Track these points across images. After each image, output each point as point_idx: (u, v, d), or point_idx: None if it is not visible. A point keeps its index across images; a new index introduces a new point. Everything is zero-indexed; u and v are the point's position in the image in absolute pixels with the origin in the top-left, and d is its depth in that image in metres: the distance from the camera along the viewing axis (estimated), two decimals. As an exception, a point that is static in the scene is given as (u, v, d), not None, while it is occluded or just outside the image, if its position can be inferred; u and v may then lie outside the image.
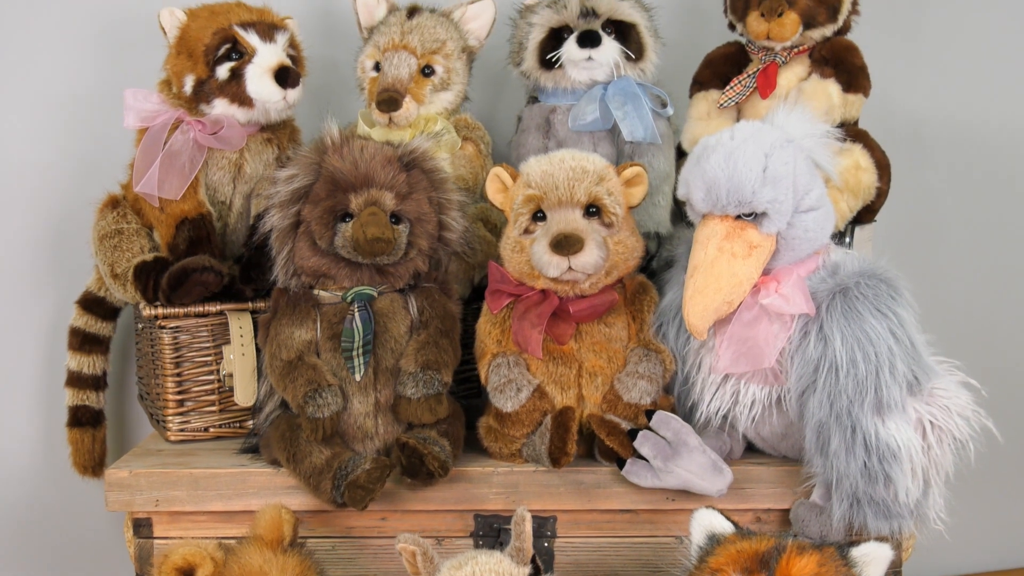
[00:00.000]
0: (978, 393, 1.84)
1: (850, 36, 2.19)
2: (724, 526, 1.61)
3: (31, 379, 2.46)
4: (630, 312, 1.96)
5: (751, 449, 1.97)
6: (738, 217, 1.79)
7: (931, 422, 1.79)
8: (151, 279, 2.05)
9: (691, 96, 2.26)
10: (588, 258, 1.84)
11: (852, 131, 2.13)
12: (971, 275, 2.52)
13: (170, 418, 2.10)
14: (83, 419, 2.32)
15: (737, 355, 1.82)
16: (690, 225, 1.90)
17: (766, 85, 2.15)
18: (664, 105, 2.19)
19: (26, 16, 2.41)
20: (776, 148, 1.78)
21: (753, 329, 1.81)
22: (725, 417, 1.89)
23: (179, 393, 2.10)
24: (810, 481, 1.83)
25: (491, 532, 1.93)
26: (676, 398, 1.96)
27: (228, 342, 2.07)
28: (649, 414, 1.87)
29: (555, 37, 2.16)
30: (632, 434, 1.85)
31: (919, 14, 2.48)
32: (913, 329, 1.80)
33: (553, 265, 1.85)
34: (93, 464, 2.33)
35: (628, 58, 2.16)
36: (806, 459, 1.82)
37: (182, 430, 2.11)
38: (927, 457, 1.79)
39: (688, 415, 1.92)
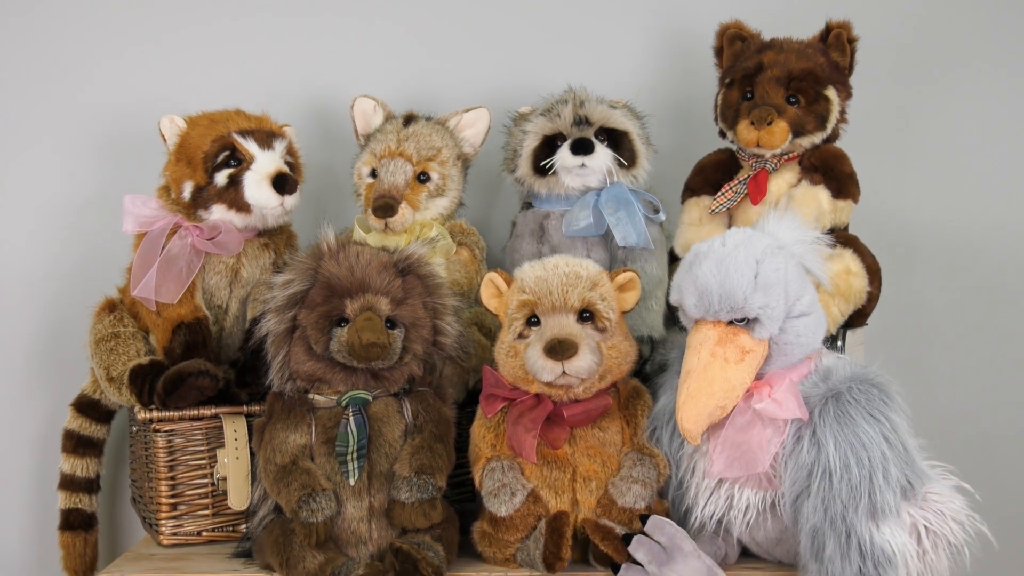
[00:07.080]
0: (972, 497, 1.84)
1: (839, 143, 2.23)
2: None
3: (24, 481, 2.45)
4: (624, 416, 1.96)
5: (746, 554, 1.96)
6: (730, 323, 1.80)
7: (926, 527, 1.79)
8: (147, 383, 2.05)
9: (683, 202, 2.28)
10: (582, 363, 1.85)
11: (842, 236, 2.15)
12: (963, 378, 2.53)
13: (163, 522, 2.09)
14: (75, 522, 2.30)
15: (731, 460, 1.82)
16: (683, 329, 1.91)
17: (757, 192, 2.17)
18: (657, 211, 2.21)
19: (27, 121, 2.45)
20: (767, 255, 1.80)
21: (747, 434, 1.81)
22: (720, 522, 1.88)
23: (172, 496, 2.08)
24: (806, 587, 1.82)
25: (485, 638, 1.92)
26: (670, 503, 1.95)
27: (222, 446, 2.06)
28: (644, 519, 1.86)
29: (549, 144, 2.20)
30: (627, 539, 1.84)
31: (906, 122, 2.51)
32: (906, 434, 1.81)
33: (547, 370, 1.86)
34: (84, 568, 2.31)
35: (621, 165, 2.19)
36: (801, 564, 1.80)
37: (175, 534, 2.09)
38: (922, 562, 1.78)
39: (683, 520, 1.91)
